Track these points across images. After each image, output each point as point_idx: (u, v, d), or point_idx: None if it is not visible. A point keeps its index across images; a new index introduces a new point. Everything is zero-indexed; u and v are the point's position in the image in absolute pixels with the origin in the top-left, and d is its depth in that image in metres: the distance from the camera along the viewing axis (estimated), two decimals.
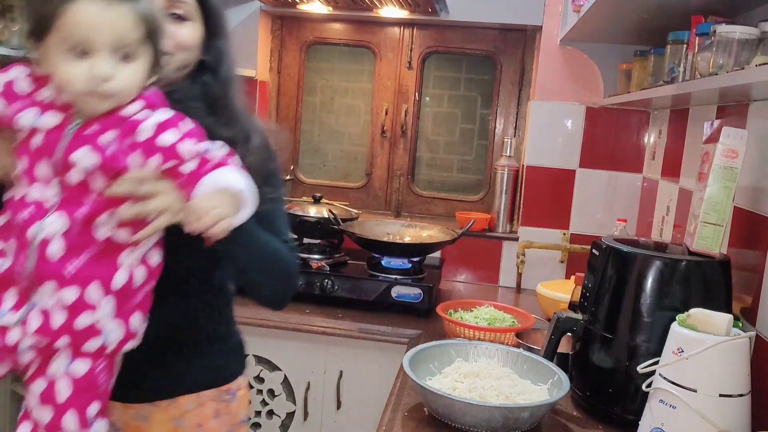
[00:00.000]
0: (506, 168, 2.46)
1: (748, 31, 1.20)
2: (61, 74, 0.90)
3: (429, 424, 1.25)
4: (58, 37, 0.88)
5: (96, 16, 0.88)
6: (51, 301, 0.93)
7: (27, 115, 0.92)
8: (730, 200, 1.26)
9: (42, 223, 0.92)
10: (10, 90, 0.94)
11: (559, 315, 1.40)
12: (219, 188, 0.93)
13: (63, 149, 0.91)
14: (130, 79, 0.92)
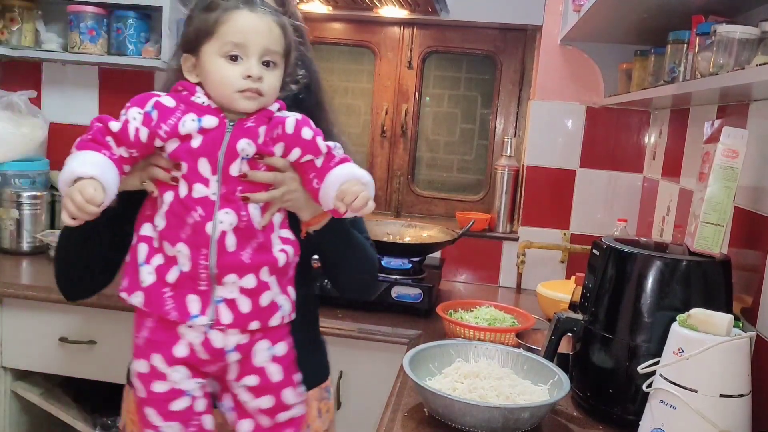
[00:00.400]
0: (506, 168, 2.46)
1: (749, 30, 1.20)
2: (218, 76, 1.01)
3: (429, 424, 1.25)
4: (216, 43, 1.01)
5: (252, 24, 1.01)
6: (234, 291, 1.03)
7: (188, 120, 1.01)
8: (730, 200, 1.26)
9: (216, 218, 1.01)
10: (162, 108, 1.01)
11: (560, 315, 1.40)
12: (354, 177, 1.04)
13: (227, 142, 1.01)
14: (273, 83, 1.04)
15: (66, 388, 2.20)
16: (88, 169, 0.95)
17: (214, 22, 1.00)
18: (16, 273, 2.16)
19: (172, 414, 1.04)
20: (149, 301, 1.03)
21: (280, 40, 1.04)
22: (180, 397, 1.04)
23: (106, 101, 2.59)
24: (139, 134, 1.00)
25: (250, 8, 1.02)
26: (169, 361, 1.04)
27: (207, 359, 1.05)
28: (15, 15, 2.39)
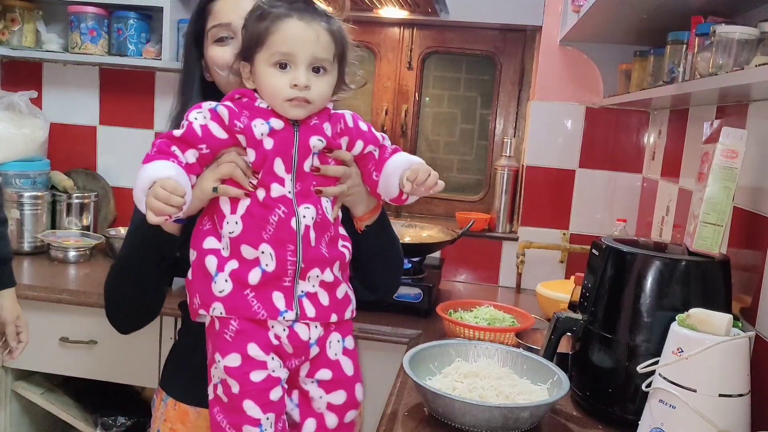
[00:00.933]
0: (506, 168, 2.46)
1: (748, 31, 1.20)
2: (267, 85, 1.04)
3: (429, 424, 1.25)
4: (266, 53, 1.03)
5: (300, 33, 1.03)
6: (315, 285, 1.07)
7: (258, 124, 1.03)
8: (729, 200, 1.26)
9: (298, 213, 1.04)
10: (232, 111, 1.04)
11: (559, 315, 1.40)
12: (413, 162, 1.10)
13: (299, 140, 1.05)
14: (322, 90, 1.06)
15: (66, 387, 2.20)
16: (163, 172, 0.97)
17: (265, 31, 1.03)
18: (16, 273, 2.14)
19: (272, 404, 1.03)
20: (232, 307, 1.03)
21: (330, 47, 1.06)
22: (277, 386, 1.04)
23: (106, 102, 2.59)
24: (209, 128, 1.03)
25: (299, 16, 1.03)
26: (266, 349, 1.04)
27: (291, 353, 1.06)
28: (16, 15, 2.39)
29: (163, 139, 1.03)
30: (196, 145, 1.02)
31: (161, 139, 1.03)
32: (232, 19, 1.18)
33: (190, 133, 1.02)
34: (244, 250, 1.03)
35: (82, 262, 2.30)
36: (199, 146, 1.02)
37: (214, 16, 1.21)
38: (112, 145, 2.61)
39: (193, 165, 1.03)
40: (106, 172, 2.59)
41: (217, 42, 1.20)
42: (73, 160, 2.60)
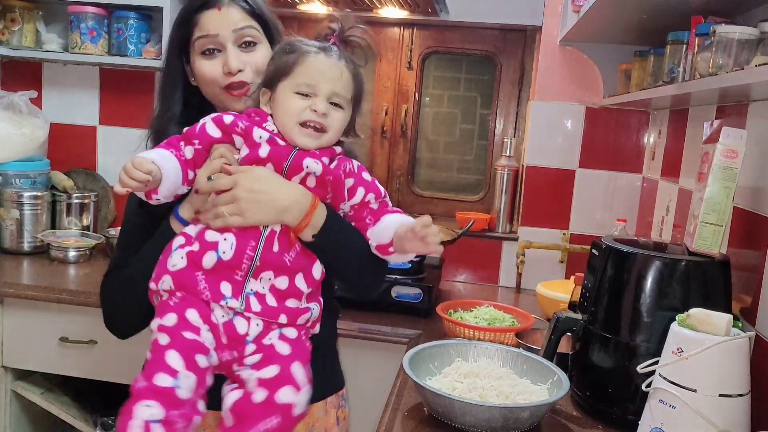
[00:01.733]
0: (506, 168, 2.46)
1: (748, 31, 1.20)
2: (286, 106, 1.11)
3: (429, 424, 1.25)
4: (291, 81, 1.11)
5: (325, 68, 1.11)
6: (266, 287, 1.08)
7: (258, 129, 1.11)
8: (729, 200, 1.26)
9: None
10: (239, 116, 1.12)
11: (559, 315, 1.40)
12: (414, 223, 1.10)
13: (293, 158, 1.10)
14: (338, 121, 1.12)
15: (66, 387, 2.20)
16: (146, 154, 1.08)
17: (293, 62, 1.11)
18: (16, 273, 2.16)
19: (196, 366, 1.01)
20: (180, 282, 1.06)
21: (349, 86, 1.13)
22: (205, 355, 1.03)
23: (106, 101, 2.59)
24: (206, 128, 1.11)
25: (326, 53, 1.11)
26: (204, 319, 1.05)
27: (225, 343, 1.06)
28: (16, 15, 2.39)
29: (181, 137, 1.13)
30: (192, 141, 1.11)
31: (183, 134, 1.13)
32: (220, 31, 1.20)
33: (191, 130, 1.12)
34: (208, 235, 1.08)
35: (82, 262, 2.30)
36: (193, 141, 1.11)
37: (201, 27, 1.22)
38: (112, 145, 2.60)
39: (190, 160, 1.12)
40: (105, 172, 2.60)
41: (204, 54, 1.22)
42: (73, 160, 2.60)
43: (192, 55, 1.24)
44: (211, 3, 1.22)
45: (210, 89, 1.24)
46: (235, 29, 1.21)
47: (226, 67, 1.20)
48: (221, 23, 1.20)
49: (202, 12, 1.21)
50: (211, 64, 1.21)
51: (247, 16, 1.23)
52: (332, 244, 1.14)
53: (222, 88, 1.22)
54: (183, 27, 1.24)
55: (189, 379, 0.99)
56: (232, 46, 1.21)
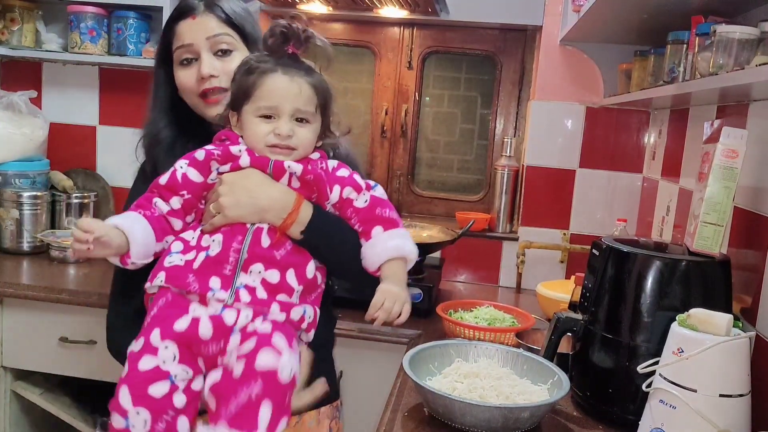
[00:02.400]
0: (506, 168, 2.46)
1: (748, 31, 1.20)
2: (251, 132, 1.12)
3: (429, 424, 1.25)
4: (252, 105, 1.11)
5: (283, 87, 1.10)
6: (257, 280, 1.07)
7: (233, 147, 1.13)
8: (730, 200, 1.26)
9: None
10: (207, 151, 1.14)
11: (559, 315, 1.40)
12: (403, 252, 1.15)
13: (273, 162, 1.12)
14: (305, 137, 1.13)
15: (66, 388, 2.20)
16: (111, 220, 1.08)
17: (252, 85, 1.11)
18: (16, 273, 2.16)
19: (147, 399, 1.00)
20: (171, 276, 1.07)
21: (312, 99, 1.12)
22: (161, 380, 1.01)
23: (106, 101, 2.59)
24: (187, 175, 1.12)
25: (283, 70, 1.10)
26: (164, 335, 1.03)
27: (207, 339, 1.04)
28: (15, 15, 2.39)
29: (149, 191, 1.13)
30: (178, 192, 1.12)
31: (151, 187, 1.14)
32: (195, 40, 1.22)
33: (173, 181, 1.13)
34: (203, 240, 1.11)
35: (82, 262, 2.30)
36: (180, 193, 1.12)
37: (178, 37, 1.24)
38: (112, 144, 2.60)
39: (177, 211, 1.13)
40: (105, 172, 2.59)
41: (182, 64, 1.24)
42: (73, 159, 2.60)
43: (173, 65, 1.26)
44: (186, 12, 1.24)
45: (188, 98, 1.26)
46: (209, 36, 1.22)
47: (198, 73, 1.22)
48: (196, 32, 1.22)
49: (179, 22, 1.24)
50: (187, 73, 1.24)
51: (223, 24, 1.24)
52: (322, 241, 1.14)
53: (197, 96, 1.24)
54: (164, 37, 1.27)
55: (141, 414, 0.99)
56: (206, 54, 1.23)
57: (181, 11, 1.24)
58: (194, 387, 1.05)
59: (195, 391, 1.05)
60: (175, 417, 1.02)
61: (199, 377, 1.06)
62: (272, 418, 0.98)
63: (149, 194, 1.13)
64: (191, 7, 1.24)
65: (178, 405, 1.02)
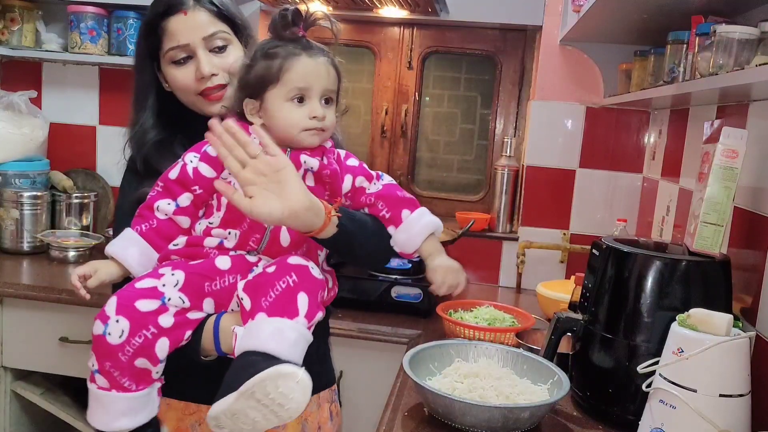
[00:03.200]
0: (506, 168, 2.46)
1: (748, 31, 1.20)
2: (286, 119, 1.10)
3: (429, 424, 1.25)
4: (281, 89, 1.09)
5: (313, 69, 1.09)
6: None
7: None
8: (730, 200, 1.26)
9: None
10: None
11: (559, 315, 1.40)
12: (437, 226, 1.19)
13: (289, 157, 1.08)
14: (332, 118, 1.13)
15: (66, 388, 2.20)
16: (109, 247, 1.12)
17: (279, 69, 1.08)
18: (16, 273, 2.16)
19: (130, 309, 1.01)
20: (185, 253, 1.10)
21: (336, 79, 1.14)
22: (152, 299, 1.02)
23: (106, 101, 2.59)
24: (199, 170, 1.11)
25: (308, 54, 1.10)
26: (174, 267, 1.06)
27: (224, 269, 1.07)
28: (15, 15, 2.39)
29: (156, 185, 1.12)
30: (190, 188, 1.11)
31: (159, 183, 1.12)
32: (190, 39, 1.20)
33: (184, 176, 1.11)
34: (214, 232, 1.11)
35: (82, 262, 2.29)
36: (192, 188, 1.11)
37: (171, 37, 1.21)
38: (112, 144, 2.57)
39: (186, 208, 1.12)
40: (105, 172, 2.59)
41: (176, 64, 1.22)
42: (73, 159, 2.60)
43: (163, 64, 1.24)
44: (175, 7, 1.20)
45: (185, 96, 1.25)
46: (205, 36, 1.20)
47: (199, 72, 1.20)
48: (190, 30, 1.20)
49: (168, 18, 1.20)
50: (183, 72, 1.22)
51: (215, 19, 1.22)
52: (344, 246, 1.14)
53: (197, 94, 1.23)
54: (151, 36, 1.23)
55: (120, 322, 1.01)
56: (203, 52, 1.21)
57: (169, 6, 1.20)
58: (190, 316, 1.06)
59: (187, 319, 1.05)
60: (156, 335, 1.02)
61: (198, 311, 1.07)
62: (309, 308, 1.01)
63: (155, 193, 1.12)
64: (181, 1, 1.21)
65: (163, 324, 1.03)
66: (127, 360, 1.01)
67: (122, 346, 1.01)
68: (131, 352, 1.01)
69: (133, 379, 1.03)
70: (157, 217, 1.11)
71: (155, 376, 1.05)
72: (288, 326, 0.98)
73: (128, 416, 1.04)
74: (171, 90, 1.26)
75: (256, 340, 0.97)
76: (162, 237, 1.11)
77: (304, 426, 1.25)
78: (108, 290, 1.15)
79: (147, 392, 1.05)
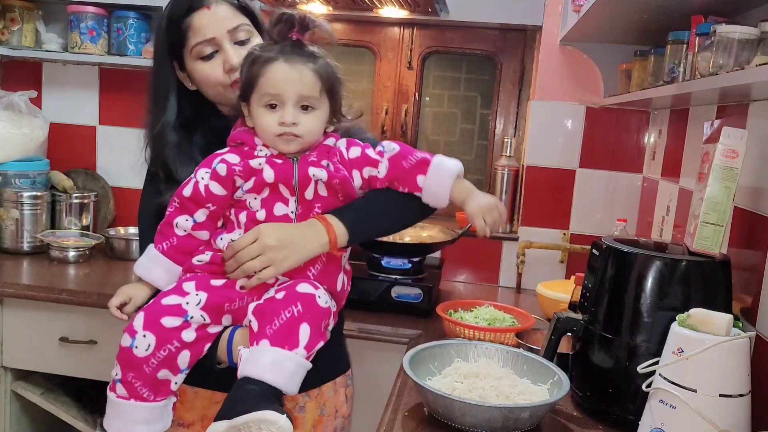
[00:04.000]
0: (506, 168, 2.46)
1: (748, 31, 1.20)
2: (260, 123, 1.14)
3: (429, 424, 1.25)
4: (257, 95, 1.13)
5: (285, 75, 1.11)
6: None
7: (255, 160, 1.14)
8: (730, 200, 1.26)
9: None
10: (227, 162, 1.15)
11: (559, 315, 1.40)
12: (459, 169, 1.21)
13: (297, 171, 1.14)
14: (311, 124, 1.14)
15: (66, 388, 2.20)
16: (137, 268, 1.19)
17: (255, 75, 1.12)
18: (16, 273, 2.16)
19: (157, 326, 1.08)
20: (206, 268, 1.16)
21: (315, 84, 1.13)
22: (176, 316, 1.09)
23: (106, 101, 2.59)
24: (210, 189, 1.15)
25: (285, 58, 1.12)
26: (199, 286, 1.12)
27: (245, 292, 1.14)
28: (15, 15, 2.39)
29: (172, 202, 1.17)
30: (204, 205, 1.16)
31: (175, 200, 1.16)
32: (216, 33, 1.21)
33: (197, 194, 1.15)
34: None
35: (82, 262, 2.30)
36: (206, 205, 1.16)
37: (196, 32, 1.21)
38: (112, 145, 2.60)
39: (203, 223, 1.17)
40: (105, 172, 2.60)
41: (203, 59, 1.22)
42: (73, 160, 2.60)
43: (188, 60, 1.24)
44: (198, 3, 1.21)
45: (214, 90, 1.25)
46: (230, 29, 1.22)
47: (227, 64, 1.21)
48: (215, 24, 1.21)
49: (192, 14, 1.21)
50: (211, 66, 1.22)
51: (237, 12, 1.24)
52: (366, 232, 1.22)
53: (227, 86, 1.23)
54: (173, 33, 1.23)
55: (147, 338, 1.07)
56: (229, 45, 1.22)
57: (192, 2, 1.21)
58: (209, 330, 1.13)
59: (207, 333, 1.13)
60: (179, 349, 1.09)
61: (217, 326, 1.14)
62: (311, 339, 1.07)
63: (172, 209, 1.17)
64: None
65: (186, 339, 1.10)
66: (150, 371, 1.08)
67: (147, 359, 1.08)
68: (155, 364, 1.08)
69: (152, 390, 1.10)
70: (176, 234, 1.17)
71: (173, 388, 1.13)
72: (287, 357, 1.06)
73: (144, 425, 1.11)
74: (195, 88, 1.27)
75: (255, 368, 1.05)
76: (183, 252, 1.18)
77: (322, 410, 1.30)
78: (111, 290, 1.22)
79: (164, 404, 1.12)
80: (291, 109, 1.12)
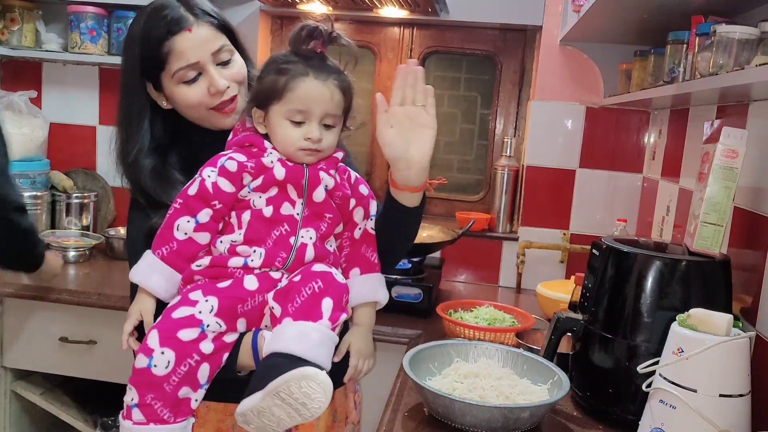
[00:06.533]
0: (506, 168, 2.46)
1: (748, 31, 1.20)
2: (282, 135, 1.13)
3: (429, 424, 1.25)
4: (283, 107, 1.11)
5: (316, 92, 1.11)
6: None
7: (267, 159, 1.13)
8: (730, 200, 1.26)
9: (299, 233, 1.14)
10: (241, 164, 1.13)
11: (559, 315, 1.40)
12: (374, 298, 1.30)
13: (308, 173, 1.14)
14: (331, 141, 1.15)
15: (66, 388, 2.20)
16: (134, 275, 1.13)
17: (283, 87, 1.10)
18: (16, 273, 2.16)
19: (174, 341, 1.04)
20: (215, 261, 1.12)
21: (341, 104, 1.14)
22: (192, 327, 1.05)
23: (106, 101, 2.59)
24: (219, 185, 1.12)
25: (316, 75, 1.11)
26: (206, 292, 1.08)
27: (253, 290, 1.10)
28: (15, 15, 2.39)
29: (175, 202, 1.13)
30: (210, 203, 1.12)
31: (178, 200, 1.13)
32: (200, 57, 1.18)
33: (203, 191, 1.12)
34: (239, 249, 1.12)
35: (82, 262, 2.30)
36: (212, 203, 1.12)
37: (179, 57, 1.17)
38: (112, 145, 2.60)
39: (205, 224, 1.12)
40: (105, 172, 2.60)
41: (187, 82, 1.19)
42: (73, 159, 2.60)
43: (167, 83, 1.19)
44: (178, 25, 1.16)
45: (195, 112, 1.22)
46: (213, 52, 1.19)
47: (213, 88, 1.19)
48: (198, 48, 1.17)
49: (172, 38, 1.16)
50: (194, 90, 1.19)
51: (218, 32, 1.21)
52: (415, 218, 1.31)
53: (210, 109, 1.21)
54: (151, 56, 1.18)
55: (166, 354, 1.03)
56: (212, 67, 1.19)
57: (171, 25, 1.16)
58: (226, 339, 1.09)
59: (224, 342, 1.09)
60: (199, 362, 1.06)
61: (233, 333, 1.10)
62: (333, 311, 1.06)
63: (173, 211, 1.12)
64: (182, 18, 1.17)
65: (205, 351, 1.06)
66: (171, 390, 1.04)
67: (168, 377, 1.04)
68: (176, 381, 1.04)
69: (173, 411, 1.05)
70: (176, 237, 1.12)
71: (193, 406, 1.09)
72: (311, 328, 1.03)
73: None
74: (170, 107, 1.23)
75: (280, 342, 1.02)
76: (183, 258, 1.13)
77: (334, 416, 1.29)
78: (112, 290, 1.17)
79: (184, 425, 1.08)
80: (317, 126, 1.12)
